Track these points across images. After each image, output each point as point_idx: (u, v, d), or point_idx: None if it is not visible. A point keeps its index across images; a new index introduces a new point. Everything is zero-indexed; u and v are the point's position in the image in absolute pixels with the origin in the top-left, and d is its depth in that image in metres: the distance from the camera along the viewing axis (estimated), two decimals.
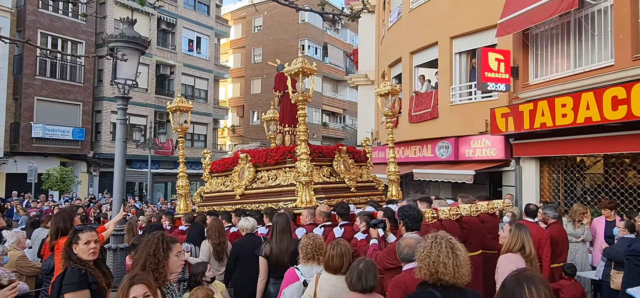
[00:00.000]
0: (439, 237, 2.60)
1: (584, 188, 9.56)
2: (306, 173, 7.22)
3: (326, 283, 3.51)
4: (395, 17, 15.21)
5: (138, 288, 2.61)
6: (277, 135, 9.70)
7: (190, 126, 10.83)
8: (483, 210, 5.25)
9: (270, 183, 8.40)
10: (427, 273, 2.52)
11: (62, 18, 22.60)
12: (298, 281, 3.89)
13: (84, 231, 3.29)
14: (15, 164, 20.84)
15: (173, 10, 27.98)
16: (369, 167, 9.66)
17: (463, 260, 2.51)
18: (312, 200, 7.12)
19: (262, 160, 8.56)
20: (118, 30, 5.28)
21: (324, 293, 3.49)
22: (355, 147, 10.57)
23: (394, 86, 8.95)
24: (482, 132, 10.95)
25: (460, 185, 11.56)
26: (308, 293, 3.63)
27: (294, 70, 7.37)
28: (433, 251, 2.52)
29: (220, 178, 9.62)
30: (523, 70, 10.09)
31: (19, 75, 21.41)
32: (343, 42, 41.84)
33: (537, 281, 1.93)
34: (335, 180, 8.53)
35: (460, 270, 2.47)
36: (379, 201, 8.16)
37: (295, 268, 4.04)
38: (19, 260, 5.60)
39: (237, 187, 8.74)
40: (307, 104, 7.82)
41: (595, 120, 7.73)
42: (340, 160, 8.70)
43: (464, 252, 2.56)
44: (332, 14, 4.36)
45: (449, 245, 2.53)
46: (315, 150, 8.34)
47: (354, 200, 8.06)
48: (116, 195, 5.42)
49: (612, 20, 8.29)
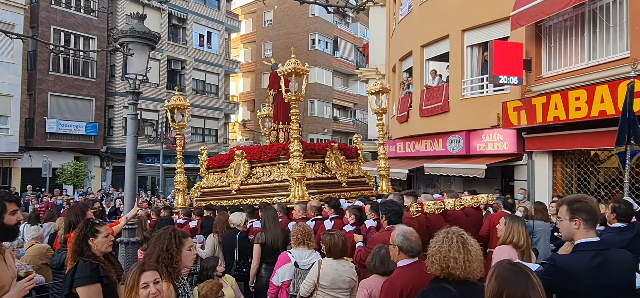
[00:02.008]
0: (451, 232, 2.59)
1: (598, 183, 9.43)
2: (299, 170, 7.56)
3: (329, 268, 4.02)
4: (406, 10, 15.09)
5: (148, 275, 2.65)
6: (271, 132, 10.00)
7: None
8: (467, 204, 5.55)
9: (264, 179, 8.75)
10: (438, 268, 2.52)
11: (74, 14, 22.82)
12: (290, 262, 4.46)
13: (101, 224, 3.33)
14: (30, 159, 21.16)
15: (184, 5, 28.09)
16: (360, 163, 10.01)
17: (474, 255, 2.49)
18: (304, 195, 7.46)
19: (256, 156, 8.92)
20: (129, 25, 5.30)
21: (328, 278, 3.99)
22: (347, 144, 10.99)
23: (384, 85, 9.25)
24: (494, 126, 10.84)
25: (471, 179, 11.47)
26: (311, 278, 4.06)
27: (287, 71, 7.70)
28: (444, 246, 2.51)
29: (217, 174, 9.98)
30: (536, 63, 9.95)
31: (33, 71, 21.69)
32: (353, 36, 41.66)
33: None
34: (327, 175, 8.89)
35: (471, 264, 2.46)
36: (369, 195, 8.38)
37: (288, 252, 4.61)
38: (35, 255, 5.70)
39: (233, 183, 9.09)
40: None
41: (609, 113, 7.61)
42: (332, 157, 9.05)
43: (476, 246, 2.54)
44: (337, 6, 4.31)
45: (461, 240, 2.51)
46: (308, 147, 8.74)
47: (345, 194, 8.37)
48: (128, 189, 5.45)
49: (628, 10, 8.13)
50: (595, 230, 2.75)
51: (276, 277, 4.44)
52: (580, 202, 2.76)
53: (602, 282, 2.56)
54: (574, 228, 2.73)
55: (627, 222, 4.45)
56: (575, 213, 2.72)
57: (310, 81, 36.78)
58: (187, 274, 3.78)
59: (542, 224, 6.78)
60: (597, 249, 2.65)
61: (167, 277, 2.92)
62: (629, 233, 4.36)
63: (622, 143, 5.65)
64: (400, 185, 15.65)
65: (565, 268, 2.63)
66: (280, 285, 4.41)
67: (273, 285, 4.46)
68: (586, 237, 2.70)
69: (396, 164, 14.84)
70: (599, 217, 3.26)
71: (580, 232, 2.71)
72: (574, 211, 2.73)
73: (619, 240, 4.12)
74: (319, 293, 4.02)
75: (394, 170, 14.35)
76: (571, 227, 2.74)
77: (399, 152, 15.40)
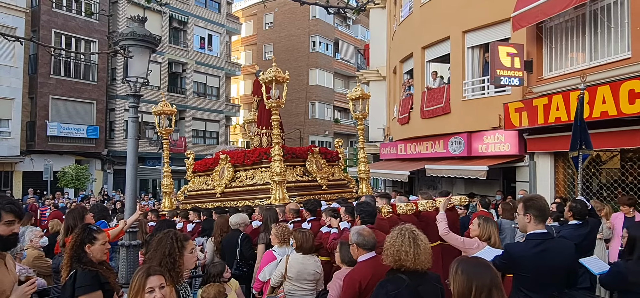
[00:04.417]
0: (404, 228, 2.95)
1: (600, 184, 9.40)
2: (279, 173, 7.86)
3: (296, 262, 4.42)
4: (407, 12, 15.09)
5: (154, 279, 2.63)
6: (255, 137, 10.26)
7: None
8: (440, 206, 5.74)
9: (247, 182, 9.05)
10: (392, 260, 2.87)
11: (75, 17, 22.85)
12: (275, 260, 4.76)
13: (99, 231, 3.30)
14: (32, 162, 21.17)
15: (184, 8, 28.13)
16: (340, 166, 10.33)
17: (423, 249, 2.85)
18: (284, 198, 7.70)
19: (240, 160, 9.22)
20: (130, 28, 5.30)
21: (294, 270, 4.40)
22: (327, 148, 11.30)
23: (363, 91, 9.60)
24: (495, 127, 10.82)
25: (473, 181, 11.45)
26: (280, 270, 4.49)
27: (268, 78, 7.99)
28: (397, 241, 2.87)
29: (203, 177, 10.27)
30: (537, 64, 9.93)
31: (34, 74, 21.71)
32: (354, 38, 41.66)
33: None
34: (308, 179, 9.21)
35: (420, 257, 2.82)
36: (348, 198, 8.59)
37: (273, 251, 4.93)
38: (36, 260, 5.65)
39: (217, 186, 9.41)
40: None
41: (611, 114, 7.59)
42: (312, 161, 9.37)
43: (425, 242, 2.90)
44: (338, 8, 4.32)
45: (412, 236, 2.88)
46: (289, 151, 9.07)
47: (325, 197, 8.62)
48: (129, 192, 5.44)
49: (629, 11, 8.11)
50: (544, 224, 3.27)
51: (263, 274, 4.74)
52: (532, 200, 3.33)
53: (544, 265, 3.09)
54: (526, 222, 3.28)
55: (582, 220, 5.00)
56: (528, 209, 3.25)
57: (311, 83, 37.03)
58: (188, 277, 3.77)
59: (508, 222, 7.31)
60: (542, 239, 3.18)
61: (170, 280, 2.90)
62: (583, 229, 4.93)
63: (575, 148, 6.25)
64: (401, 187, 15.64)
65: (514, 253, 3.22)
66: (266, 280, 4.72)
67: (259, 281, 4.80)
68: (536, 229, 3.23)
69: (397, 166, 14.81)
70: (548, 214, 3.72)
71: (531, 225, 3.25)
72: (527, 208, 3.26)
73: (576, 236, 4.66)
74: (286, 284, 4.43)
75: (396, 172, 14.34)
76: (524, 221, 3.29)
77: (400, 153, 15.38)
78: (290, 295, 4.43)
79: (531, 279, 3.08)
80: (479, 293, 2.19)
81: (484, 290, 2.20)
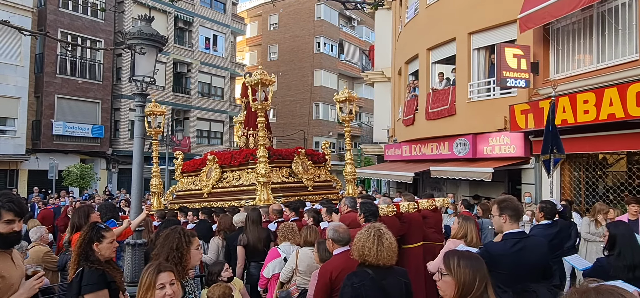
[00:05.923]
0: (372, 227, 3.13)
1: (606, 187, 9.33)
2: (264, 174, 7.96)
3: (305, 256, 4.63)
4: (412, 13, 15.05)
5: (165, 276, 2.64)
6: (241, 138, 10.44)
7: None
8: (423, 207, 6.00)
9: (234, 183, 9.15)
10: (357, 255, 3.09)
11: (81, 17, 22.97)
12: (280, 257, 4.94)
13: (107, 229, 3.30)
14: (37, 161, 21.27)
15: (190, 8, 28.21)
16: (327, 167, 10.45)
17: (386, 246, 3.04)
18: (269, 199, 7.81)
19: (227, 161, 9.32)
20: (136, 27, 5.30)
21: (304, 264, 4.59)
22: (314, 150, 11.69)
23: (350, 93, 9.66)
24: (501, 129, 10.77)
25: (478, 182, 11.40)
26: (290, 264, 4.67)
27: (254, 81, 8.10)
28: (363, 237, 3.07)
29: (191, 177, 10.42)
30: (543, 65, 9.88)
31: (40, 73, 21.83)
32: (359, 39, 41.64)
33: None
34: (294, 180, 9.30)
35: (382, 253, 3.01)
36: (333, 199, 8.69)
37: (277, 248, 5.10)
38: (45, 256, 5.72)
39: (204, 186, 9.53)
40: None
41: (618, 116, 7.53)
42: (298, 162, 9.47)
43: (390, 240, 3.09)
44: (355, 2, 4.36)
45: (378, 234, 3.06)
46: (275, 153, 9.19)
47: (310, 198, 8.72)
48: (135, 191, 5.44)
49: (637, 13, 8.06)
50: (518, 223, 3.42)
51: (267, 270, 4.92)
52: (507, 201, 3.45)
53: (521, 262, 3.24)
54: (502, 222, 3.41)
55: (552, 220, 5.26)
56: (503, 210, 3.39)
57: (315, 84, 37.03)
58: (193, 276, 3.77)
59: (489, 222, 7.42)
60: (518, 238, 3.32)
61: (176, 275, 2.91)
62: (553, 229, 5.20)
63: (546, 152, 6.44)
64: (406, 189, 15.59)
65: (493, 252, 3.30)
66: (270, 277, 4.88)
67: (263, 277, 4.95)
68: (511, 229, 3.37)
69: (402, 167, 14.78)
70: (522, 213, 3.77)
71: (507, 225, 3.39)
72: (501, 209, 3.40)
73: (546, 235, 4.88)
74: (297, 278, 4.60)
75: (400, 173, 14.30)
76: (500, 221, 3.42)
77: (405, 155, 15.35)
78: (300, 288, 4.62)
79: (508, 276, 3.20)
80: (482, 283, 2.30)
81: (484, 280, 2.32)
